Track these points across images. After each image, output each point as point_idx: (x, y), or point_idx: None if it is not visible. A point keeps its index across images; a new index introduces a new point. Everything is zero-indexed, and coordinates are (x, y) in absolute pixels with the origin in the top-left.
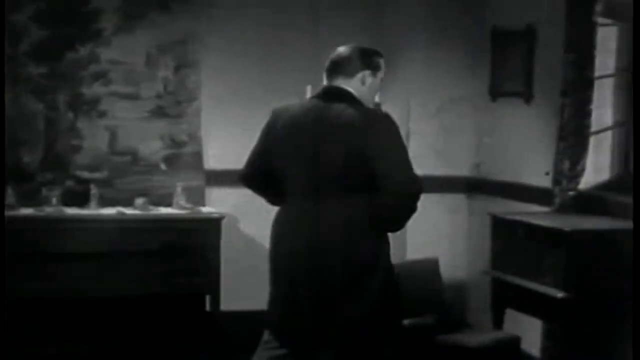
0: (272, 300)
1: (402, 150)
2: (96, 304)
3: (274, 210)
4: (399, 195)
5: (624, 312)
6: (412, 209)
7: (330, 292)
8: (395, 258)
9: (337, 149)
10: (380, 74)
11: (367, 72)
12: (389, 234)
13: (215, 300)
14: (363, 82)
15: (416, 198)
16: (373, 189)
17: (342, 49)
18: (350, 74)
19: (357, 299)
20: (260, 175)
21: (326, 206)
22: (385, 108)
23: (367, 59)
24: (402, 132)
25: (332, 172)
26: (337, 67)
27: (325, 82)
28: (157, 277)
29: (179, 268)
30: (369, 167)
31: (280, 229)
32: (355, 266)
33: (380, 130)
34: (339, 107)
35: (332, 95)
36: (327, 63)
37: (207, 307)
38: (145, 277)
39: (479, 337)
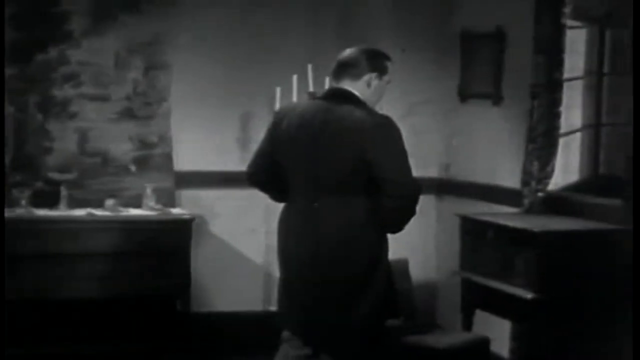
0: (282, 299)
1: (403, 154)
2: (66, 306)
3: (243, 211)
4: (398, 199)
5: (594, 312)
6: (412, 212)
7: (333, 292)
8: None
9: (340, 151)
10: (386, 77)
11: (373, 75)
12: None
13: (186, 302)
14: (369, 85)
15: (415, 201)
16: (374, 191)
17: (349, 51)
18: (357, 76)
19: (359, 300)
20: (263, 173)
21: (328, 207)
22: None
23: (374, 61)
24: None
25: (334, 173)
26: (344, 69)
27: (332, 83)
28: (127, 278)
29: (149, 270)
30: (370, 169)
31: (285, 228)
32: (356, 267)
33: (382, 134)
34: (343, 110)
35: (337, 97)
36: (334, 64)
37: (178, 309)
38: (115, 278)
39: (449, 338)
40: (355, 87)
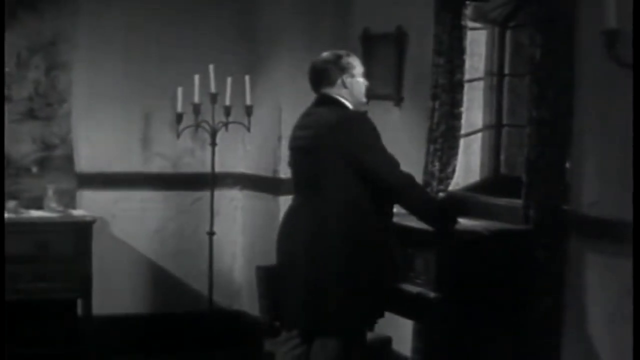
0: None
1: (377, 144)
2: None
3: (146, 212)
4: (394, 186)
5: (495, 311)
6: (414, 191)
7: (310, 283)
8: (267, 260)
9: (319, 150)
10: (356, 70)
11: (344, 76)
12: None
13: (87, 304)
14: (345, 85)
15: (403, 182)
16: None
17: (314, 63)
18: (332, 83)
19: (326, 290)
20: None
21: (306, 205)
22: (257, 111)
23: (338, 64)
24: (274, 136)
25: (313, 172)
26: (319, 81)
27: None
28: (27, 281)
29: (49, 272)
30: (353, 163)
31: (280, 227)
32: (335, 258)
33: (355, 129)
34: (322, 111)
35: (321, 101)
36: (308, 79)
37: (79, 312)
38: (15, 281)
39: None
40: (334, 92)
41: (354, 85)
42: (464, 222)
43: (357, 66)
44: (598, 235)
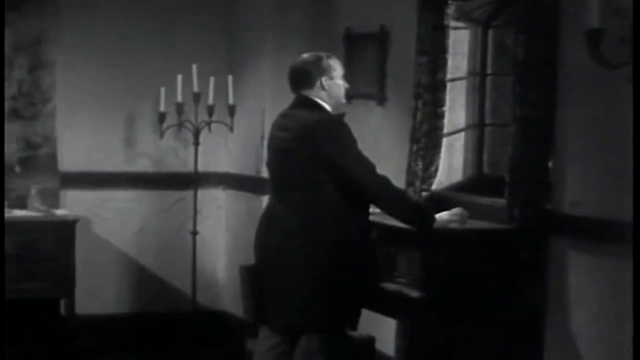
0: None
1: (353, 147)
2: None
3: (129, 212)
4: (370, 190)
5: (478, 311)
6: (390, 193)
7: (281, 283)
8: (250, 259)
9: (295, 152)
10: (336, 73)
11: (323, 78)
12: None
13: (70, 304)
14: (324, 88)
15: (378, 183)
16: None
17: (294, 65)
18: (311, 85)
19: (304, 289)
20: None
21: (282, 205)
22: (239, 111)
23: (318, 66)
24: (257, 135)
25: (289, 172)
26: (298, 82)
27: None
28: (10, 280)
29: (33, 271)
30: (329, 166)
31: (258, 226)
32: (313, 257)
33: (331, 133)
34: (300, 114)
35: (299, 103)
36: (288, 79)
37: (62, 311)
38: None
39: None
40: (313, 93)
41: (332, 87)
42: (444, 214)
43: (337, 68)
44: (581, 234)
